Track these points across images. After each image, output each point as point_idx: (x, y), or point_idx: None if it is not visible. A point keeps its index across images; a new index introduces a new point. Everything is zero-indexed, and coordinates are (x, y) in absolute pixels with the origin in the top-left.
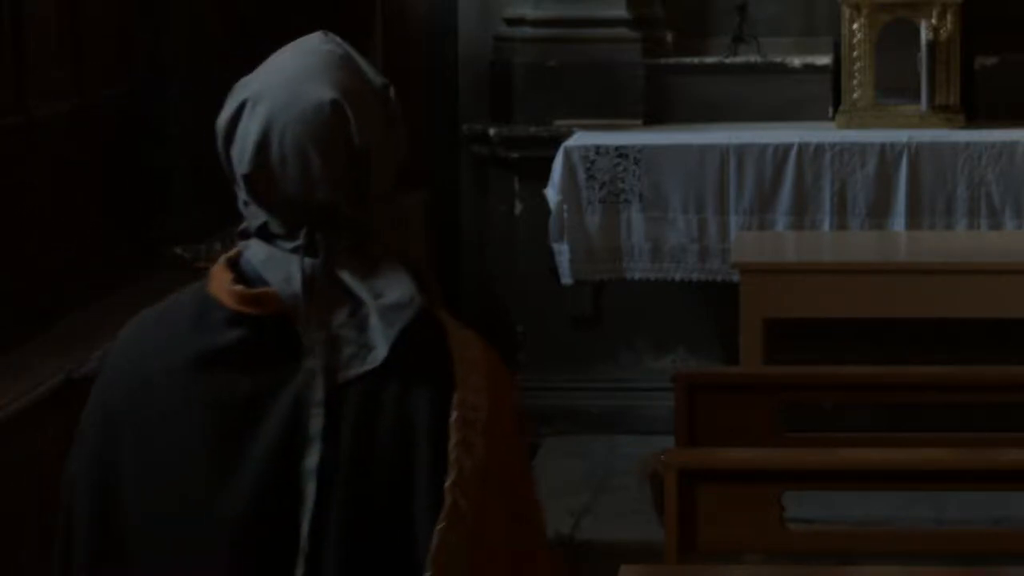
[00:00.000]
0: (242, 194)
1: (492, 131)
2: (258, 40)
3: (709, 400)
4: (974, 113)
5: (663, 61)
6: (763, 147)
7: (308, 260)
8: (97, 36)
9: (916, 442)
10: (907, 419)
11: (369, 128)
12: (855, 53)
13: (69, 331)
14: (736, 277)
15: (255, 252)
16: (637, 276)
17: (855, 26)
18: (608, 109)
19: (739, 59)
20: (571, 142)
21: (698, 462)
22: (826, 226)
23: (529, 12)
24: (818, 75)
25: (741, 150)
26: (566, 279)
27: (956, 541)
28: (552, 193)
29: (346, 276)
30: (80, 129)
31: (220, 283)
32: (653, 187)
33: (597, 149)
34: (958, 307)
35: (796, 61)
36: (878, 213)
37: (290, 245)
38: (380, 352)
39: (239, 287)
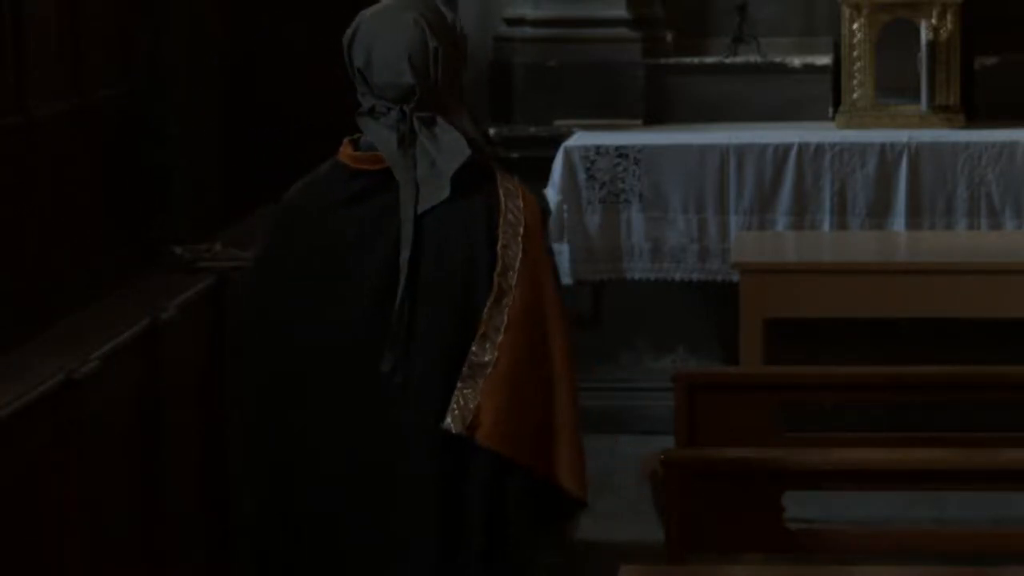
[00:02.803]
0: (360, 85)
1: (492, 131)
2: (258, 40)
3: (709, 400)
4: (974, 113)
5: (663, 61)
6: (763, 147)
7: (400, 129)
8: (97, 36)
9: (916, 442)
10: (907, 419)
11: (439, 39)
12: (855, 53)
13: (69, 331)
14: (736, 277)
15: (367, 129)
16: (637, 276)
17: (855, 26)
18: (608, 109)
19: (739, 59)
20: (571, 142)
21: (698, 462)
22: (826, 226)
23: (529, 12)
24: (818, 75)
25: (741, 150)
26: (566, 279)
27: (956, 541)
28: (552, 193)
29: (425, 139)
30: (80, 129)
31: (345, 152)
32: (653, 187)
33: (597, 149)
34: (958, 307)
35: (796, 61)
36: (878, 213)
37: (388, 120)
38: (445, 191)
39: (357, 153)
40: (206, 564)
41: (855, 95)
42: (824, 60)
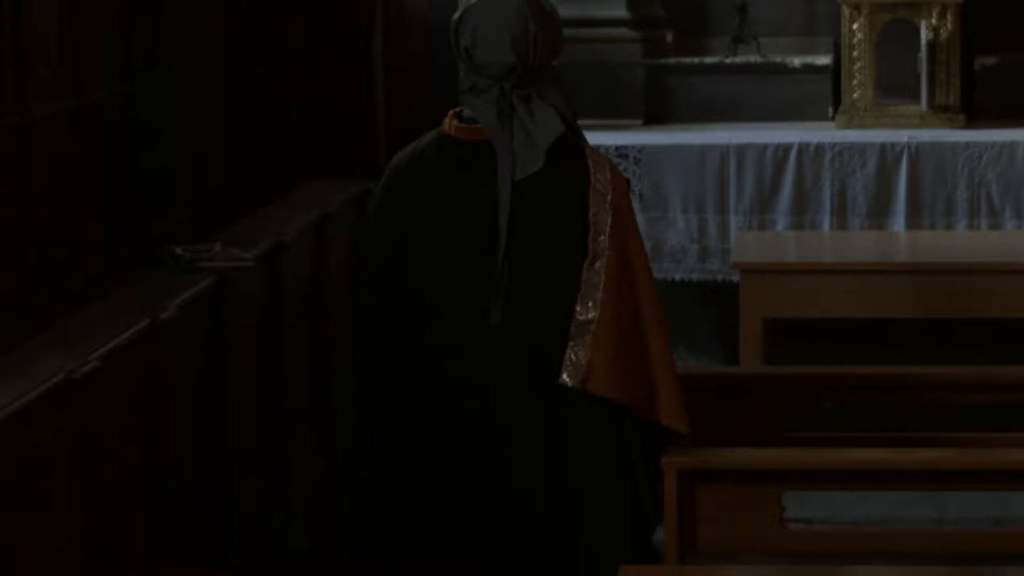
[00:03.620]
0: (464, 63)
1: None
2: (258, 40)
3: (709, 400)
4: (974, 113)
5: (663, 61)
6: (763, 147)
7: (500, 104)
8: (97, 36)
9: (916, 442)
10: (907, 419)
11: (538, 23)
12: (855, 53)
13: (69, 331)
14: (736, 277)
15: (469, 105)
16: None
17: (855, 26)
18: (608, 109)
19: (739, 59)
20: None
21: (698, 462)
22: (826, 226)
23: None
24: (818, 75)
25: (741, 150)
26: None
27: (956, 541)
28: None
29: (522, 114)
30: (80, 129)
31: (450, 124)
32: (653, 187)
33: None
34: (958, 307)
35: (796, 61)
36: (878, 213)
37: (489, 96)
38: (540, 161)
39: (461, 124)
40: (206, 564)
41: (855, 95)
42: (824, 60)
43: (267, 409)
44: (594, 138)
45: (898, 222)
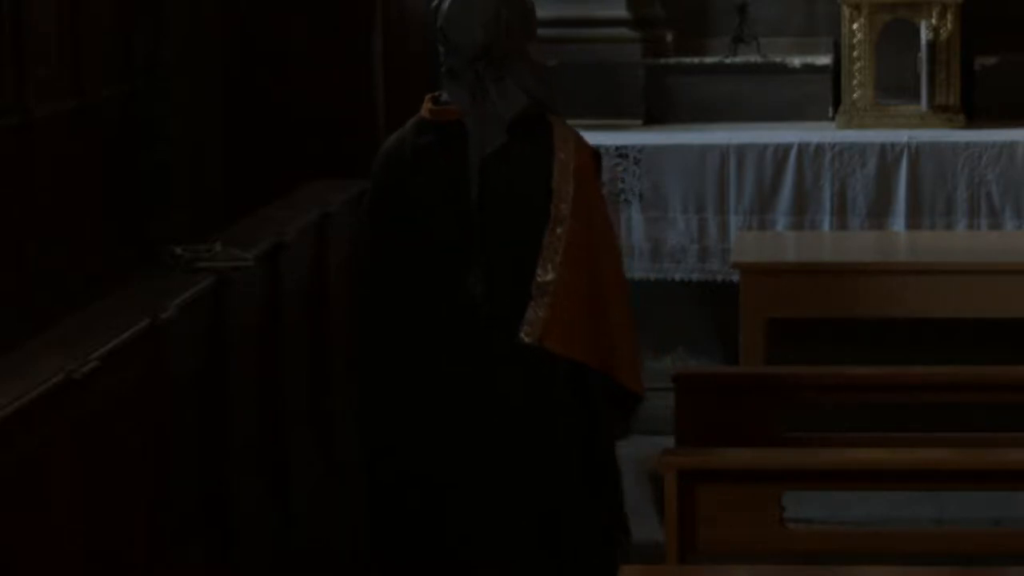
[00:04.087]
0: (441, 44)
1: None
2: (258, 40)
3: (709, 400)
4: (974, 113)
5: (663, 61)
6: (763, 147)
7: (471, 86)
8: (97, 36)
9: (916, 442)
10: (907, 419)
11: (509, 7)
12: (855, 53)
13: (69, 331)
14: (736, 277)
15: (446, 87)
16: (637, 276)
17: (855, 26)
18: (608, 109)
19: (739, 59)
20: None
21: (698, 462)
22: (826, 226)
23: None
24: (818, 75)
25: (741, 150)
26: None
27: (956, 541)
28: None
29: (493, 94)
30: (80, 129)
31: (425, 107)
32: (653, 187)
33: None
34: (958, 307)
35: (796, 61)
36: (878, 213)
37: (464, 79)
38: (503, 136)
39: (435, 107)
40: (206, 564)
41: (855, 95)
42: (824, 60)
43: (267, 409)
44: (594, 138)
45: (898, 222)
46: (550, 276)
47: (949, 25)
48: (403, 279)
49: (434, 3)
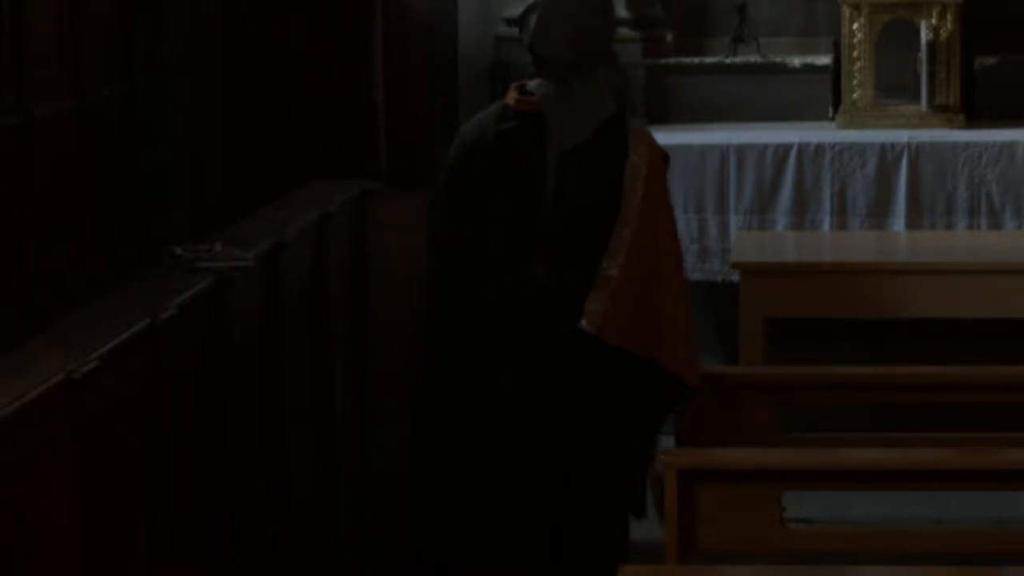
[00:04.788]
0: (527, 52)
1: None
2: (258, 40)
3: (709, 400)
4: (974, 113)
5: (663, 61)
6: (763, 147)
7: (558, 86)
8: (97, 36)
9: (916, 442)
10: (907, 419)
11: (592, 18)
12: (855, 53)
13: (69, 331)
14: (736, 277)
15: (532, 81)
16: None
17: (855, 26)
18: None
19: (739, 59)
20: None
21: (698, 462)
22: (826, 226)
23: None
24: (818, 75)
25: (741, 150)
26: None
27: (956, 541)
28: None
29: (577, 92)
30: (80, 129)
31: (511, 95)
32: None
33: None
34: (958, 307)
35: (796, 61)
36: (878, 213)
37: (551, 76)
38: (586, 134)
39: (520, 96)
40: (206, 564)
41: (855, 95)
42: (824, 60)
43: (267, 409)
44: None
45: (898, 222)
46: (613, 271)
47: (949, 25)
48: (473, 257)
49: (519, 15)
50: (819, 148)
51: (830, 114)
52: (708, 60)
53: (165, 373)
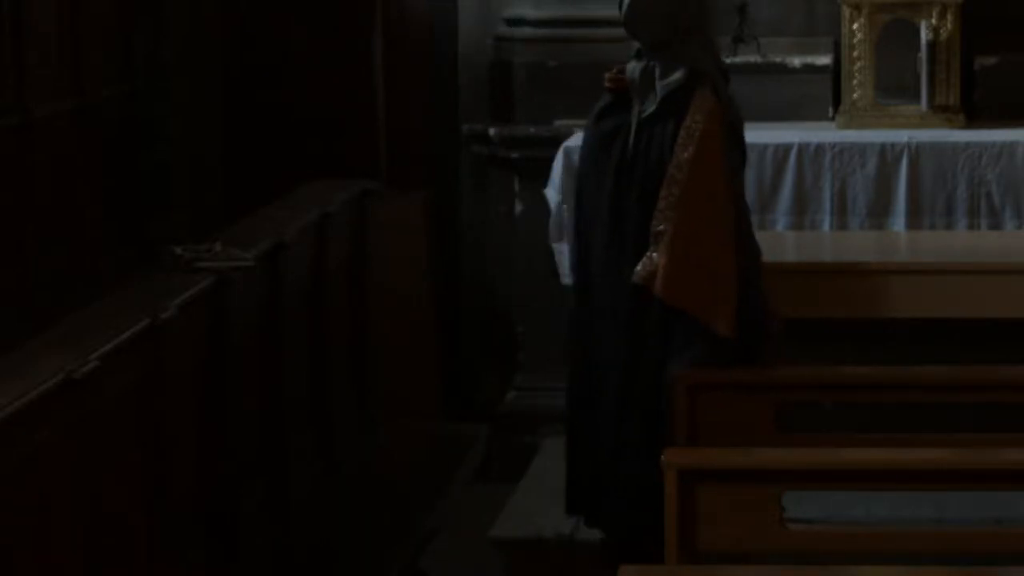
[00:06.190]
0: (628, 33)
1: (492, 131)
2: (258, 40)
3: (709, 400)
4: (974, 113)
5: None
6: (763, 147)
7: (646, 63)
8: (97, 36)
9: (916, 442)
10: (907, 419)
11: (677, 4)
12: (855, 53)
13: (69, 331)
14: None
15: (630, 63)
16: None
17: (855, 26)
18: None
19: (739, 59)
20: (571, 142)
21: (698, 462)
22: (826, 226)
23: (529, 12)
24: (818, 75)
25: None
26: (566, 279)
27: (956, 541)
28: (552, 193)
29: (659, 69)
30: (80, 129)
31: (608, 77)
32: None
33: None
34: (958, 307)
35: (796, 61)
36: (878, 213)
37: (644, 57)
38: (654, 105)
39: (613, 76)
40: (206, 564)
41: (855, 95)
42: (824, 60)
43: (267, 409)
44: None
45: (898, 222)
46: (662, 227)
47: (949, 25)
48: (587, 217)
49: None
50: (819, 148)
51: (830, 114)
52: None
53: (165, 373)
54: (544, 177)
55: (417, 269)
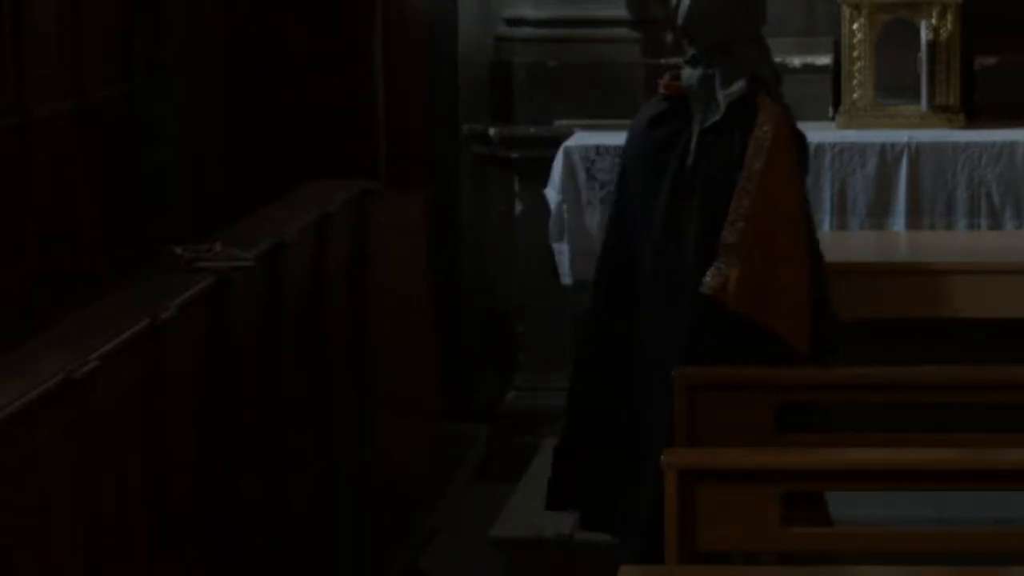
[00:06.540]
0: (681, 36)
1: (492, 131)
2: (258, 40)
3: (709, 400)
4: (974, 113)
5: (663, 61)
6: None
7: (704, 70)
8: (97, 36)
9: (916, 442)
10: (907, 419)
11: (736, 1)
12: (855, 53)
13: (69, 331)
14: None
15: (685, 68)
16: None
17: (855, 26)
18: (608, 109)
19: None
20: (571, 142)
21: (698, 462)
22: (826, 226)
23: (529, 12)
24: (818, 75)
25: None
26: (566, 279)
27: (956, 541)
28: (552, 193)
29: (718, 77)
30: (80, 129)
31: (662, 81)
32: None
33: (597, 149)
34: (958, 307)
35: (796, 61)
36: (878, 213)
37: (699, 63)
38: (719, 114)
39: (667, 81)
40: (206, 564)
41: (855, 95)
42: (824, 60)
43: (267, 409)
44: (594, 138)
45: (898, 222)
46: (733, 239)
47: (949, 25)
48: (632, 222)
49: (672, 2)
50: (819, 148)
51: (830, 114)
52: None
53: (165, 373)
54: (544, 177)
55: (417, 269)
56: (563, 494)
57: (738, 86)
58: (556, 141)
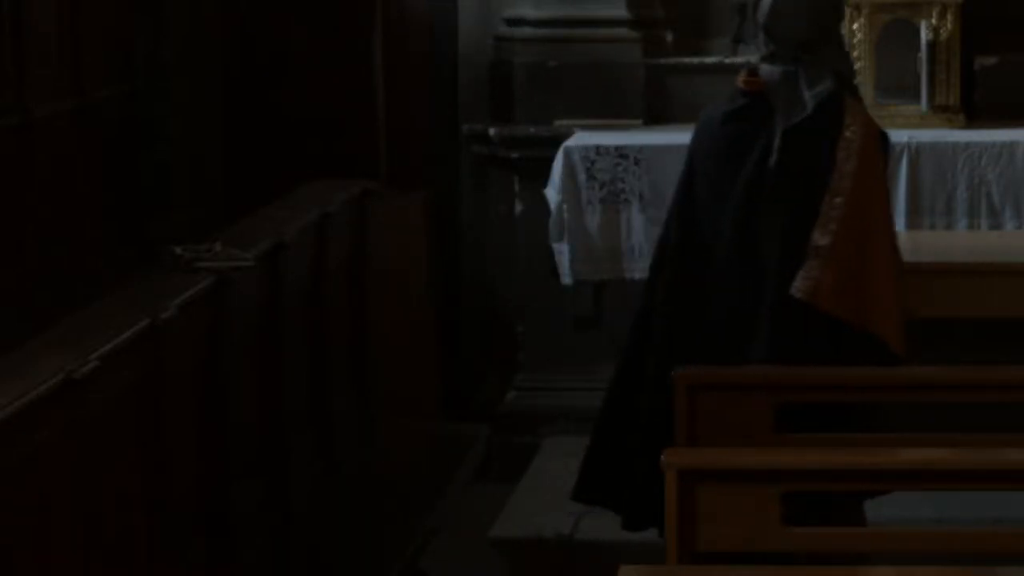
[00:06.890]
0: (763, 35)
1: (492, 131)
2: (258, 40)
3: (709, 400)
4: (974, 113)
5: (663, 61)
6: None
7: (786, 68)
8: (97, 36)
9: (916, 442)
10: (907, 419)
11: (822, 4)
12: (855, 53)
13: (69, 331)
14: None
15: (762, 67)
16: (637, 276)
17: (855, 26)
18: (608, 109)
19: (739, 59)
20: (571, 142)
21: (698, 462)
22: None
23: (529, 12)
24: None
25: None
26: (566, 279)
27: (956, 541)
28: (552, 193)
29: (802, 74)
30: (80, 129)
31: (740, 77)
32: (653, 187)
33: (597, 149)
34: (958, 307)
35: None
36: None
37: (781, 60)
38: (805, 112)
39: (748, 77)
40: (206, 564)
41: None
42: None
43: (267, 409)
44: (594, 138)
45: (898, 222)
46: (825, 241)
47: (949, 25)
48: (700, 220)
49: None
50: None
51: None
52: (708, 60)
53: (165, 373)
54: (544, 177)
55: (417, 269)
56: (595, 490)
57: (824, 86)
58: (556, 141)
